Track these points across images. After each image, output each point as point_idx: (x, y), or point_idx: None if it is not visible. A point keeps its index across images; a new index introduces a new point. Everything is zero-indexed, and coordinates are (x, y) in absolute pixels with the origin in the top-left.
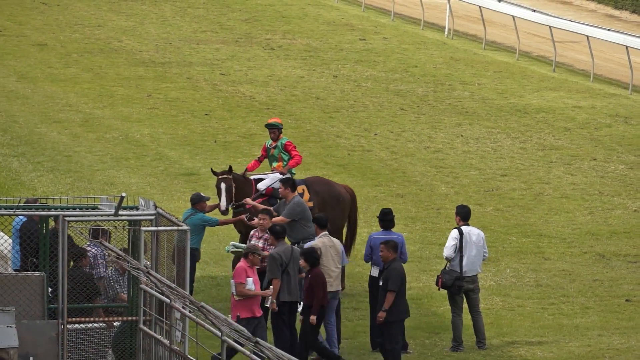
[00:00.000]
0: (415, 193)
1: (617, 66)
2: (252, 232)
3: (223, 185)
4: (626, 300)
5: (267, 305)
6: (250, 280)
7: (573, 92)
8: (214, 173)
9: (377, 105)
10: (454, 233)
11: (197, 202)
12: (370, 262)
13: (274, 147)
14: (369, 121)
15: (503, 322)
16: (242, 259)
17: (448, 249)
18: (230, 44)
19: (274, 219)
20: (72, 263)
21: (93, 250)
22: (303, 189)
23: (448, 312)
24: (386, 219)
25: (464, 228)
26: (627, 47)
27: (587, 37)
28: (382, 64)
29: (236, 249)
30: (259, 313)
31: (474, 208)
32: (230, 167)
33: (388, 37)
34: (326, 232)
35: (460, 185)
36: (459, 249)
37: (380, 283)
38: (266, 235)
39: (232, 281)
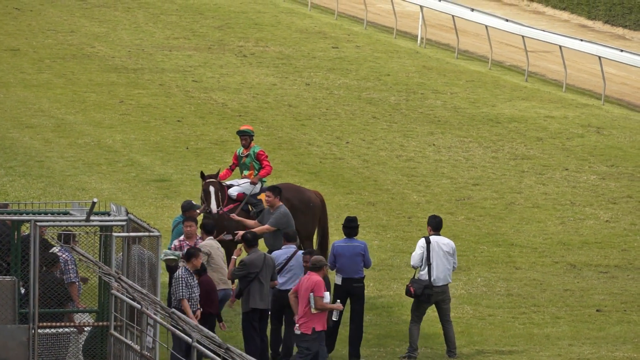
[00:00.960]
0: (386, 201)
1: (589, 76)
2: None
3: (212, 189)
4: (597, 310)
5: (335, 319)
6: (327, 294)
7: (545, 102)
8: (202, 177)
9: (349, 114)
10: (421, 242)
11: (188, 209)
12: (335, 270)
13: (246, 156)
14: (341, 129)
15: (474, 331)
16: (314, 273)
17: (414, 258)
18: (202, 50)
19: (259, 229)
20: (44, 268)
21: (64, 256)
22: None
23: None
24: (350, 225)
25: (432, 237)
26: (599, 57)
27: (560, 47)
28: (355, 72)
29: (169, 257)
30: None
31: (445, 217)
32: (219, 171)
33: (361, 46)
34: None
35: (431, 194)
36: (427, 259)
37: None
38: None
39: (310, 294)
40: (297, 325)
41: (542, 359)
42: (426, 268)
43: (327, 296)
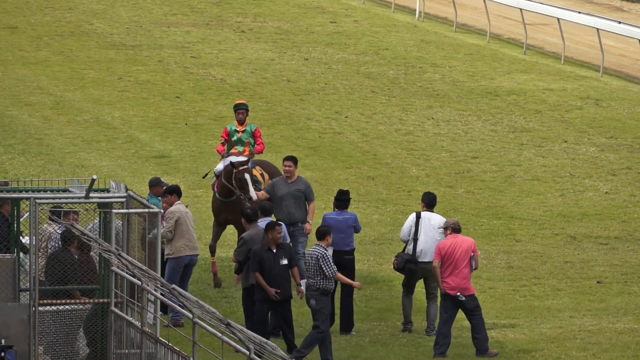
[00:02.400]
0: (386, 175)
1: (588, 48)
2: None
3: (248, 176)
4: (597, 282)
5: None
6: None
7: (544, 74)
8: (233, 165)
9: (348, 88)
10: (411, 216)
11: (155, 185)
12: None
13: (243, 131)
14: (340, 104)
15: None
16: (458, 235)
17: (402, 231)
18: (201, 26)
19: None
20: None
21: (50, 229)
22: (261, 172)
23: (419, 294)
24: (342, 198)
25: (423, 213)
26: (598, 29)
27: (558, 19)
28: (353, 47)
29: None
30: None
31: (445, 190)
32: (249, 158)
33: (359, 20)
34: (179, 201)
35: (431, 167)
36: (414, 233)
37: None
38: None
39: (472, 255)
40: (458, 293)
41: (543, 331)
42: (412, 243)
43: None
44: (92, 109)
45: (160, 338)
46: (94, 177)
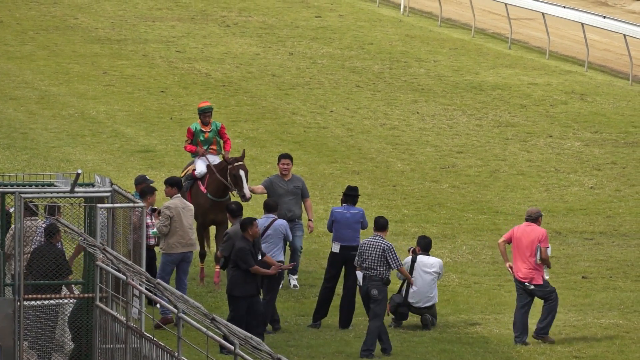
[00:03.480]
0: (371, 170)
1: (572, 43)
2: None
3: (243, 172)
4: (582, 277)
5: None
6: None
7: (529, 69)
8: (227, 161)
9: (332, 83)
10: (407, 259)
11: (140, 183)
12: (332, 238)
13: (209, 131)
14: (325, 98)
15: (459, 299)
16: (534, 224)
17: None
18: (186, 21)
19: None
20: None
21: (28, 224)
22: None
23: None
24: (351, 194)
25: (419, 257)
26: (582, 24)
27: (543, 14)
28: (338, 41)
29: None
30: None
31: (429, 185)
32: (244, 153)
33: (344, 15)
34: (179, 195)
35: (416, 162)
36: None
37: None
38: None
39: (538, 245)
40: (526, 282)
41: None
42: (406, 286)
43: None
44: (77, 104)
45: (145, 333)
46: (79, 171)
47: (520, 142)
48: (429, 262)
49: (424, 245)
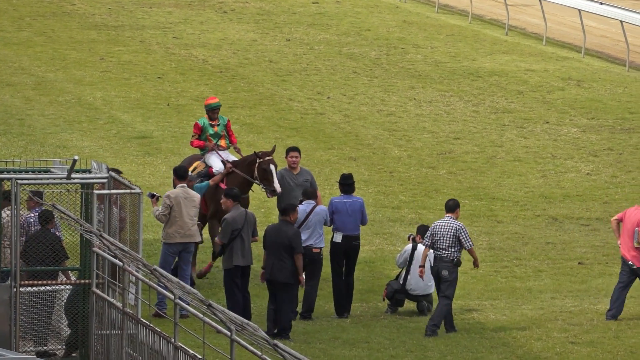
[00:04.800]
0: (368, 156)
1: (569, 29)
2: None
3: (273, 167)
4: (579, 263)
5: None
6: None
7: (526, 55)
8: (257, 155)
9: (330, 69)
10: (407, 247)
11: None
12: (332, 227)
13: (217, 125)
14: (322, 84)
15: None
16: None
17: (397, 259)
18: (183, 7)
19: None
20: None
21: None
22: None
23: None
24: (347, 183)
25: (419, 246)
26: (579, 10)
27: (540, 0)
28: (335, 28)
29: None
30: None
31: (426, 171)
32: (274, 148)
33: (341, 1)
34: (184, 185)
35: (413, 148)
36: (408, 264)
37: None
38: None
39: (636, 229)
40: (630, 261)
41: (524, 312)
42: (405, 273)
43: None
44: (73, 90)
45: (141, 319)
46: (76, 157)
47: (517, 128)
48: (429, 251)
49: (424, 233)
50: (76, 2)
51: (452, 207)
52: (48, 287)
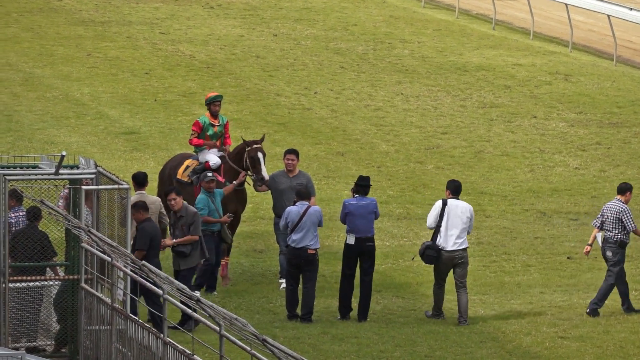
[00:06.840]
0: (355, 151)
1: (557, 24)
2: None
3: (261, 155)
4: (567, 258)
5: None
6: None
7: (513, 49)
8: (246, 143)
9: (317, 64)
10: (438, 203)
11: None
12: (346, 229)
13: (218, 125)
14: (309, 80)
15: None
16: None
17: (428, 219)
18: (169, 2)
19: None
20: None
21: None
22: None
23: (391, 270)
24: (364, 184)
25: (450, 200)
26: (566, 4)
27: None
28: (322, 23)
29: None
30: None
31: (414, 166)
32: (263, 136)
33: None
34: (143, 192)
35: (400, 143)
36: (439, 221)
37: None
38: None
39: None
40: None
41: (513, 307)
42: (436, 230)
43: None
44: (61, 86)
45: (130, 315)
46: (64, 153)
47: (505, 122)
48: (460, 206)
49: (454, 189)
50: None
51: (622, 189)
52: (37, 283)
